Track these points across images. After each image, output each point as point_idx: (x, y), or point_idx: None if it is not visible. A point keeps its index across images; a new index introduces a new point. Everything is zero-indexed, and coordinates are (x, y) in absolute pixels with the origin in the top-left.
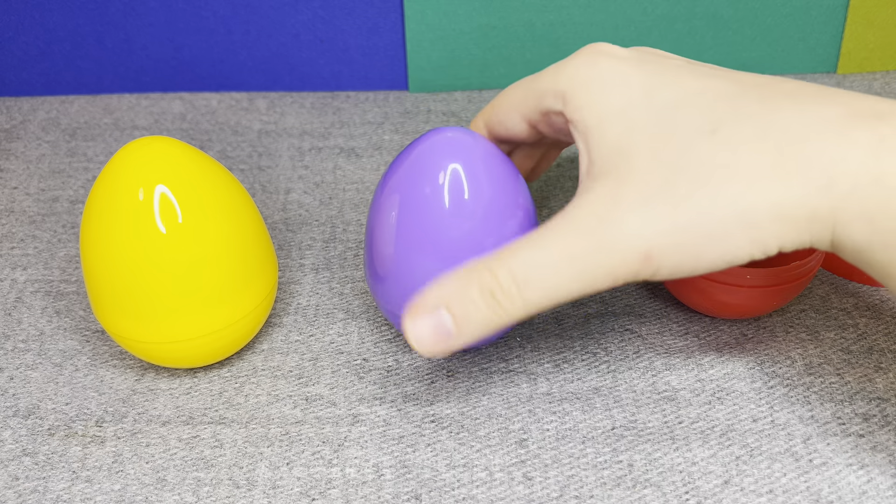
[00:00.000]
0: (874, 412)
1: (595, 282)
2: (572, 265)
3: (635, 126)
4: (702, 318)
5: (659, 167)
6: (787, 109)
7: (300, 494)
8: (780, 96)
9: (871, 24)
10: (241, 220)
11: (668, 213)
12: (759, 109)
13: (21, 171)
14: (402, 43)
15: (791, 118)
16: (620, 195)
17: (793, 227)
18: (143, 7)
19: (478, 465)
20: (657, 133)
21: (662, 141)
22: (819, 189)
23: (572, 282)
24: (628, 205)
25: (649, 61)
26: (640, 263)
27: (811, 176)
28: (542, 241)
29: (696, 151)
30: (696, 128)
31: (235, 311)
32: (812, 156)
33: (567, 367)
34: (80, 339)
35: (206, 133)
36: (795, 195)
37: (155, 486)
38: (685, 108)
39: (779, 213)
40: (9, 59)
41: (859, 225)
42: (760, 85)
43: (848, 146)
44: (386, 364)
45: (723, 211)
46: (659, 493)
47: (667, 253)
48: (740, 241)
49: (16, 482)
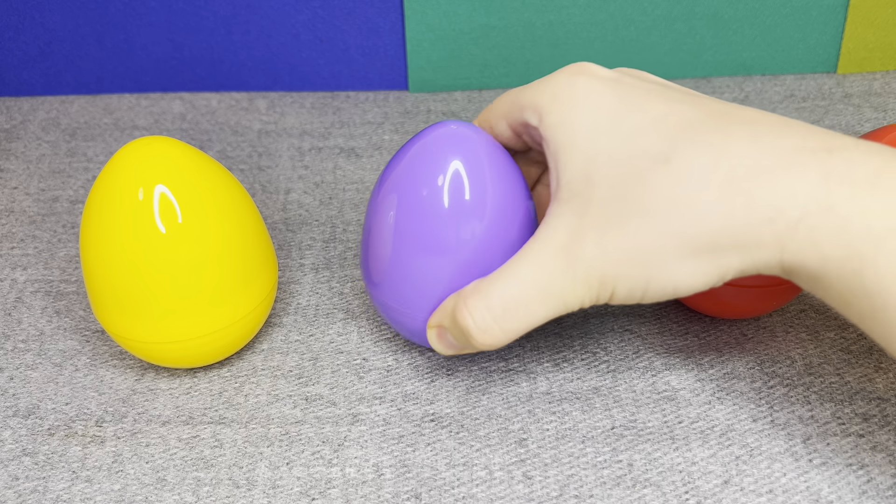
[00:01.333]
0: (874, 412)
1: (566, 307)
2: (544, 295)
3: (600, 152)
4: (702, 318)
5: (615, 196)
6: (743, 139)
7: (300, 494)
8: (737, 124)
9: (871, 24)
10: (241, 220)
11: (619, 242)
12: (716, 138)
13: (21, 171)
14: (402, 43)
15: (745, 148)
16: (581, 225)
17: (736, 253)
18: (143, 7)
19: (477, 464)
20: (618, 160)
21: (622, 168)
22: (765, 220)
23: (545, 309)
24: (586, 234)
25: (624, 83)
26: (597, 289)
27: (757, 206)
28: (515, 275)
29: (649, 181)
30: (653, 156)
31: (235, 311)
32: (760, 187)
33: (567, 366)
34: (80, 339)
35: (206, 133)
36: (739, 225)
37: (155, 486)
38: (646, 134)
39: (721, 243)
40: (9, 59)
41: (810, 253)
42: (722, 113)
43: (797, 178)
44: (386, 363)
45: (667, 240)
46: (659, 493)
47: (618, 279)
48: (684, 269)
49: (16, 482)
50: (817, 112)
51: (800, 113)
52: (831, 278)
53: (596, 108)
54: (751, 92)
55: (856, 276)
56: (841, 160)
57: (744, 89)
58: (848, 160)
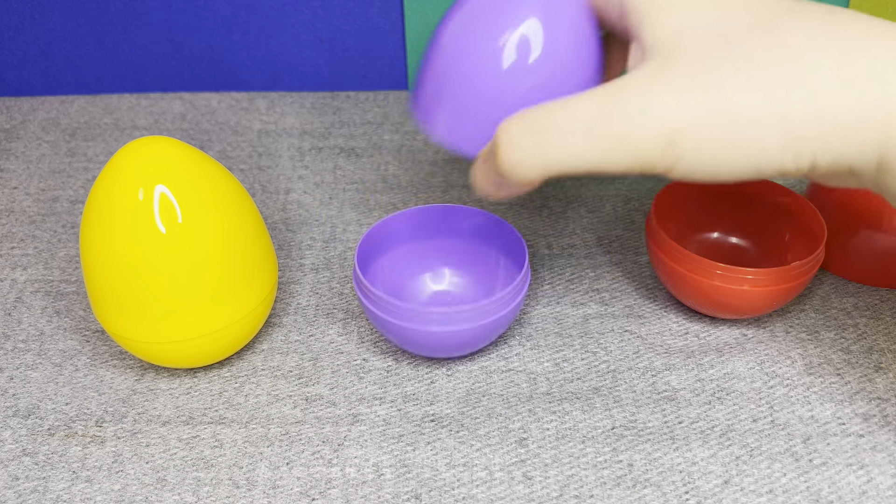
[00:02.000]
0: (874, 412)
1: (613, 152)
2: (590, 128)
3: (691, 17)
4: (702, 318)
5: (708, 53)
6: (851, 22)
7: (300, 494)
8: (847, 14)
9: None
10: (241, 220)
11: (705, 95)
12: (825, 18)
13: (21, 171)
14: (402, 43)
15: (856, 30)
16: (662, 72)
17: (835, 135)
18: (143, 7)
19: (478, 464)
20: (715, 27)
21: (716, 32)
22: (874, 102)
23: (585, 147)
24: (666, 83)
25: None
26: (661, 147)
27: (868, 87)
28: (567, 101)
29: (750, 44)
30: (758, 24)
31: (235, 311)
32: (872, 68)
33: (567, 366)
34: (80, 339)
35: (206, 133)
36: (848, 103)
37: (155, 486)
38: (746, 8)
39: (824, 117)
40: (9, 59)
41: None
42: (814, 2)
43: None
44: (386, 364)
45: (764, 106)
46: (659, 493)
47: (694, 139)
48: (774, 144)
49: (16, 482)
50: None
51: None
52: None
53: None
54: None
55: None
56: None
57: None
58: None
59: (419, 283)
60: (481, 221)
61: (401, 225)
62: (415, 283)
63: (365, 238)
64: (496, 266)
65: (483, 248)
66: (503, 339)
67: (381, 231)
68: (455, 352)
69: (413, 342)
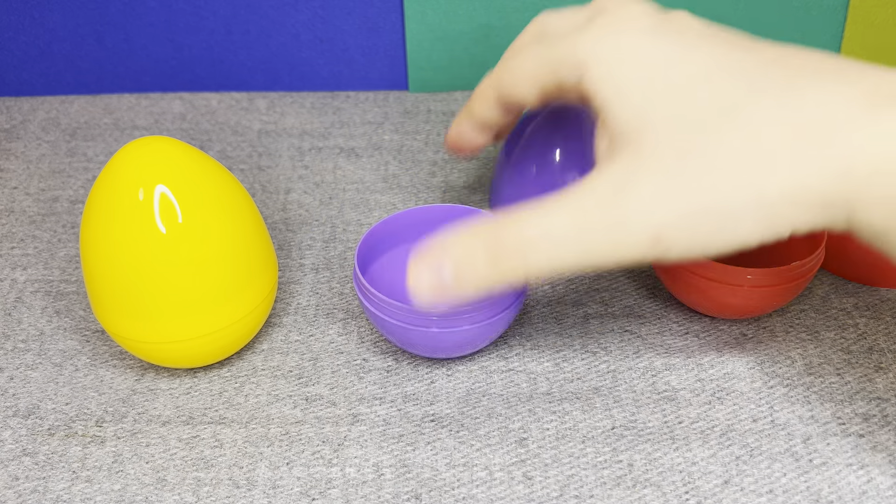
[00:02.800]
0: (874, 412)
1: (600, 257)
2: (580, 237)
3: (654, 102)
4: (702, 318)
5: (676, 146)
6: (809, 89)
7: (300, 494)
8: (801, 74)
9: (871, 24)
10: (241, 220)
11: (682, 195)
12: (780, 89)
13: (21, 171)
14: (402, 43)
15: (812, 100)
16: (636, 172)
17: (807, 211)
18: (143, 7)
19: (478, 464)
20: (676, 111)
21: (680, 119)
22: (837, 175)
23: (578, 254)
24: (643, 183)
25: (668, 32)
26: (648, 244)
27: (829, 162)
28: (555, 209)
29: (713, 132)
30: (715, 107)
31: (235, 311)
32: (831, 141)
33: (567, 366)
34: (80, 339)
35: (206, 133)
36: (812, 181)
37: (155, 486)
38: (704, 84)
39: (794, 199)
40: (9, 59)
41: (878, 210)
42: (781, 59)
43: (868, 132)
44: (386, 364)
45: (738, 195)
46: (659, 493)
47: (678, 235)
48: (753, 226)
49: (16, 482)
50: None
51: None
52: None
53: (645, 60)
54: None
55: None
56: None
57: None
58: None
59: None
60: None
61: (401, 225)
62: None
63: (365, 238)
64: None
65: None
66: (503, 339)
67: (382, 231)
68: (455, 352)
69: (413, 343)
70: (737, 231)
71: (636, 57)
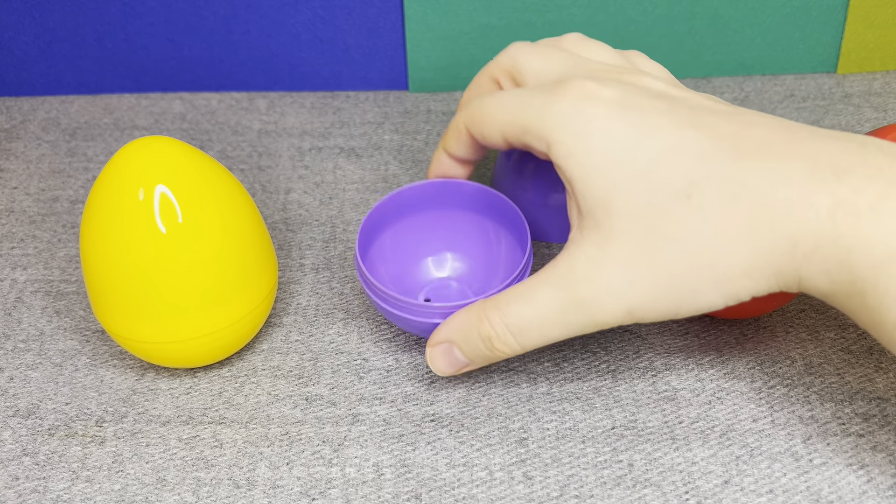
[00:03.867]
0: (874, 412)
1: (583, 330)
2: (561, 318)
3: (616, 185)
4: (702, 318)
5: (639, 230)
6: (756, 169)
7: (300, 494)
8: (750, 153)
9: (871, 24)
10: (241, 220)
11: (648, 279)
12: (731, 170)
13: (21, 171)
14: (402, 43)
15: (759, 179)
16: (603, 254)
17: (762, 281)
18: (143, 7)
19: (478, 464)
20: (637, 193)
21: (642, 202)
22: (785, 251)
23: (562, 330)
24: (610, 267)
25: (632, 106)
26: (622, 317)
27: (778, 239)
28: (534, 295)
29: (672, 216)
30: (672, 191)
31: (235, 311)
32: (778, 219)
33: (567, 366)
34: (80, 339)
35: (206, 133)
36: (764, 258)
37: (155, 486)
38: (662, 167)
39: (749, 272)
40: (9, 59)
41: (821, 279)
42: (732, 136)
43: (808, 211)
44: (386, 364)
45: (697, 273)
46: (659, 493)
47: (648, 309)
48: (714, 296)
49: (16, 482)
50: (817, 112)
51: (800, 113)
52: (840, 297)
53: (607, 138)
54: (751, 92)
55: (860, 296)
56: (848, 189)
57: (744, 89)
58: (854, 188)
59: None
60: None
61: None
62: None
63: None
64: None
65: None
66: None
67: (379, 212)
68: None
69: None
70: (699, 301)
71: (600, 138)
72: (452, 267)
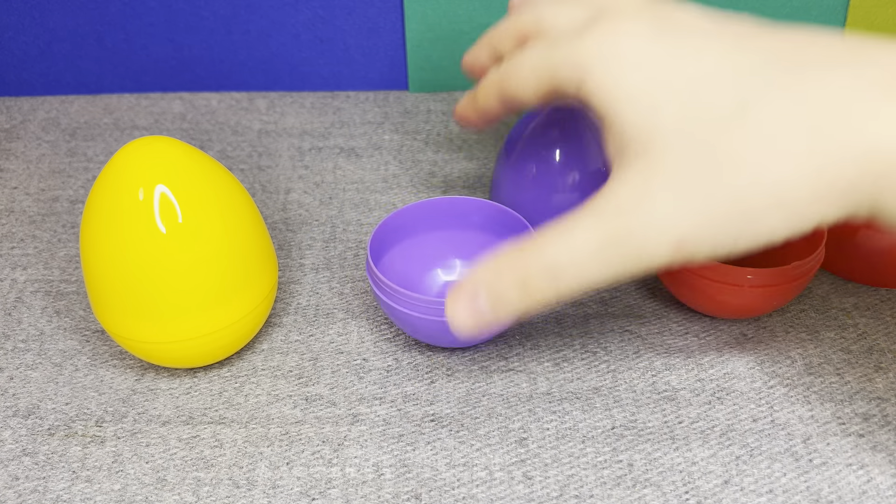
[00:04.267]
0: (874, 412)
1: (626, 269)
2: (604, 254)
3: (661, 107)
4: (702, 318)
5: (689, 151)
6: (820, 80)
7: (300, 494)
8: (810, 63)
9: (871, 24)
10: (241, 220)
11: (701, 201)
12: (790, 82)
13: (21, 171)
14: (402, 43)
15: (824, 90)
16: (651, 180)
17: (830, 202)
18: (143, 7)
19: (478, 464)
20: (684, 114)
21: (691, 121)
22: (857, 164)
23: (604, 270)
24: (660, 191)
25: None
26: (672, 251)
27: (848, 151)
28: (575, 230)
29: (727, 133)
30: (725, 107)
31: (235, 311)
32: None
33: (567, 366)
34: (80, 339)
35: (206, 133)
36: (832, 172)
37: (155, 486)
38: (711, 84)
39: (815, 192)
40: (9, 59)
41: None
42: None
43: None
44: (386, 364)
45: (759, 194)
46: (659, 493)
47: (701, 240)
48: (777, 223)
49: (16, 482)
50: None
51: None
52: None
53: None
54: None
55: None
56: None
57: None
58: None
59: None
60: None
61: (409, 219)
62: (426, 276)
63: (375, 233)
64: None
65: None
66: (503, 338)
67: (390, 226)
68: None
69: (423, 332)
70: (761, 230)
71: (639, 62)
72: (462, 274)
